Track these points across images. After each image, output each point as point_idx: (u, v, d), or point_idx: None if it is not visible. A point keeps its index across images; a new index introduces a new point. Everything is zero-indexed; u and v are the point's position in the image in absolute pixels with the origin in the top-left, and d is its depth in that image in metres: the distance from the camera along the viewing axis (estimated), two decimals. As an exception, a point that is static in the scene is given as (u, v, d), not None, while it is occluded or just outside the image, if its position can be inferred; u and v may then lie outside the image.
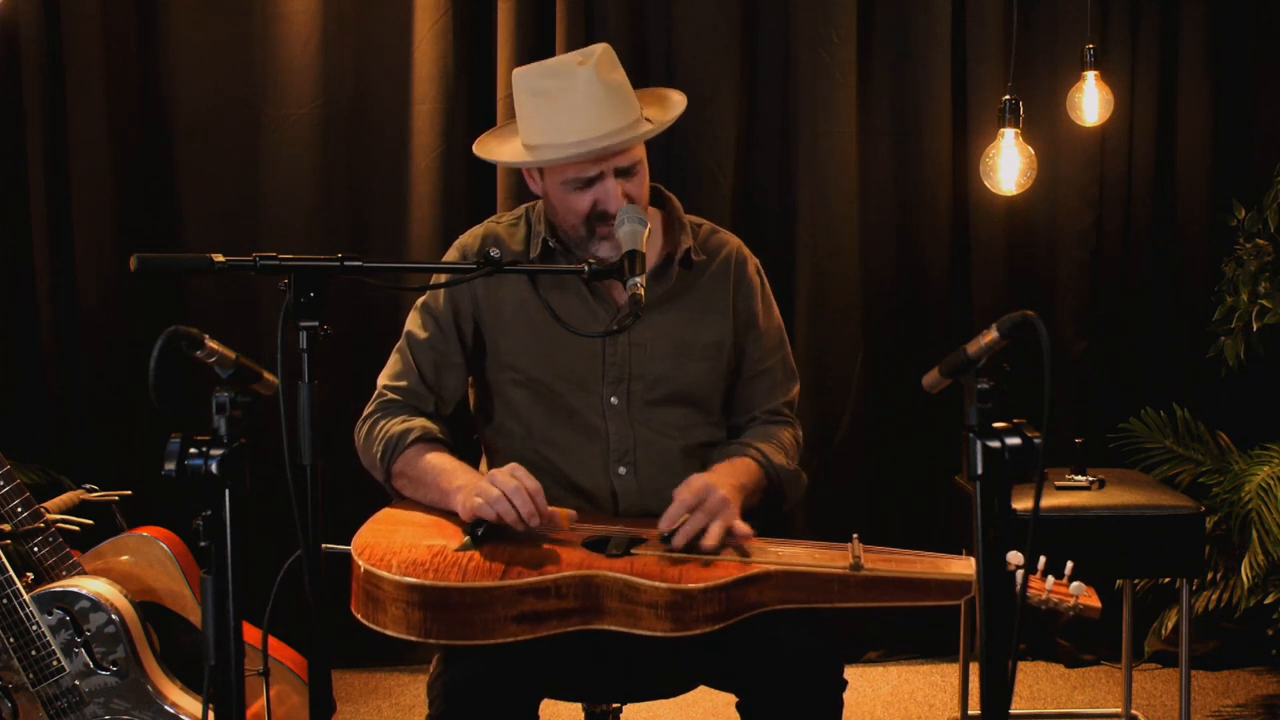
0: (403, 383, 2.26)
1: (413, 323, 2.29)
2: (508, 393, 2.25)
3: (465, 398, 2.34)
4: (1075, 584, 2.04)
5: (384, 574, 1.86)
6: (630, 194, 2.13)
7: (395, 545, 1.96)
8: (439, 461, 2.15)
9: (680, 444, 2.24)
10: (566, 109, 2.09)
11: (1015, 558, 1.57)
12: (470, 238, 2.32)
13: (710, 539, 1.97)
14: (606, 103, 2.09)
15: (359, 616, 1.92)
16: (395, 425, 2.20)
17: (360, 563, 1.91)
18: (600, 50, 2.15)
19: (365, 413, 2.28)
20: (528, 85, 2.14)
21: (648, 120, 2.17)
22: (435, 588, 1.84)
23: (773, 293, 2.40)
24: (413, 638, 1.86)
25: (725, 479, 2.10)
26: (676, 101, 2.26)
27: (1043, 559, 2.06)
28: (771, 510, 2.28)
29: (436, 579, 1.85)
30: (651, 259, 2.26)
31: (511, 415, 2.25)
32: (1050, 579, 2.07)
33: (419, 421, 2.21)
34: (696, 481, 2.05)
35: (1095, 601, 2.03)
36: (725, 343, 2.29)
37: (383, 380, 2.29)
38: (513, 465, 2.02)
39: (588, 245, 2.18)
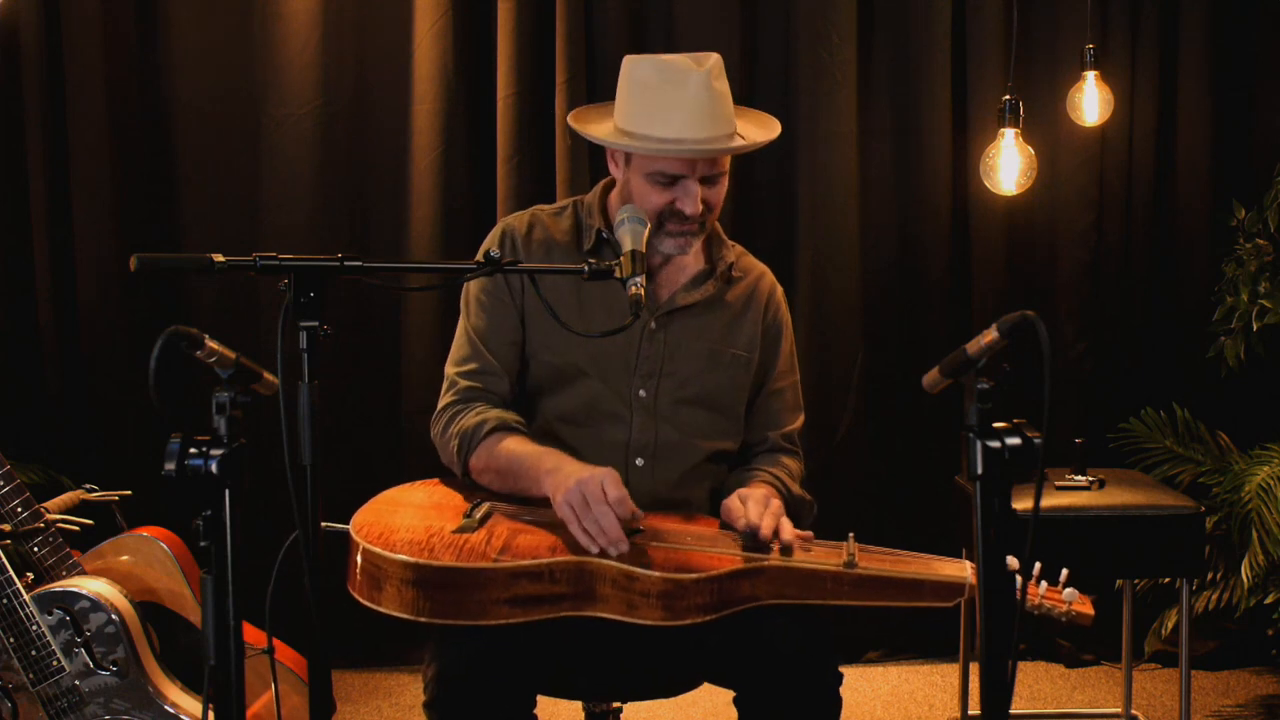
0: (473, 365, 2.24)
1: (470, 304, 2.28)
2: (537, 372, 2.25)
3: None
4: (1068, 590, 2.04)
5: (381, 552, 1.88)
6: (708, 200, 2.19)
7: (394, 525, 1.97)
8: (520, 448, 2.12)
9: (699, 447, 2.26)
10: (672, 105, 2.13)
11: (1012, 563, 1.58)
12: (516, 220, 2.33)
13: (786, 534, 2.00)
14: (710, 109, 2.14)
15: (355, 594, 1.93)
16: (470, 419, 2.18)
17: (358, 540, 1.92)
18: (715, 59, 2.20)
19: (440, 405, 2.26)
20: (639, 74, 2.19)
21: (740, 136, 2.22)
22: (430, 566, 1.85)
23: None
24: (407, 616, 1.87)
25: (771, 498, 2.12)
26: (772, 124, 2.31)
27: (1038, 565, 2.07)
28: None
29: (432, 558, 1.86)
30: (695, 267, 2.31)
31: (536, 395, 2.25)
32: (1044, 584, 2.07)
33: (494, 412, 2.19)
34: (758, 492, 2.09)
35: (1088, 609, 2.04)
36: (753, 356, 2.33)
37: (451, 369, 2.27)
38: (607, 472, 1.97)
39: (654, 239, 2.20)
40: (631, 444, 2.22)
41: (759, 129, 2.29)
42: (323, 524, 1.66)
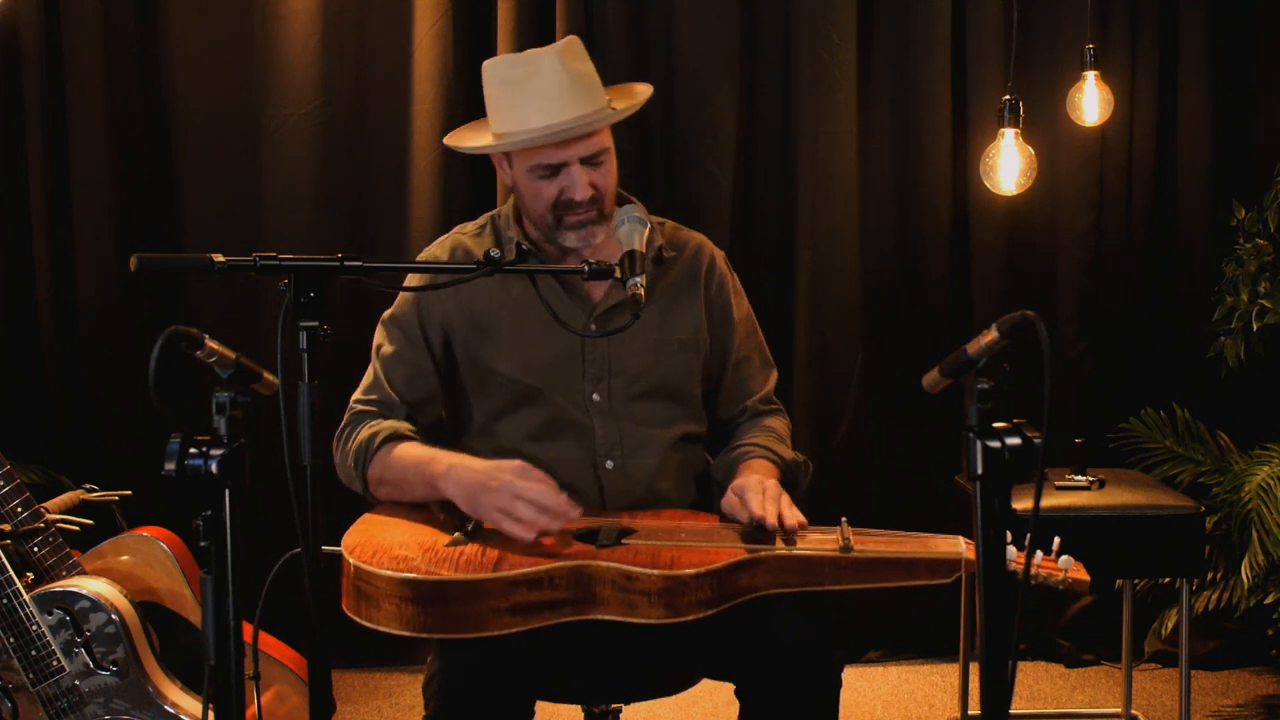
0: (373, 395, 2.26)
1: (380, 336, 2.29)
2: (490, 397, 2.25)
3: (442, 407, 2.33)
4: (1064, 558, 2.05)
5: (376, 570, 1.87)
6: (596, 183, 2.16)
7: (386, 542, 1.96)
8: (414, 452, 2.14)
9: (664, 436, 2.25)
10: (532, 95, 2.12)
11: (1011, 554, 1.58)
12: (438, 248, 2.32)
13: (789, 519, 1.99)
14: (571, 90, 2.12)
15: (351, 614, 1.92)
16: (363, 432, 2.20)
17: (351, 560, 1.91)
18: (566, 41, 2.19)
19: (338, 430, 2.27)
20: (496, 75, 2.18)
21: (614, 109, 2.19)
22: (428, 582, 1.84)
23: (743, 285, 2.43)
24: (407, 633, 1.86)
25: (765, 476, 2.13)
26: (640, 91, 2.29)
27: (1028, 535, 2.07)
28: None
29: (429, 573, 1.85)
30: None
31: (494, 419, 2.25)
32: (1039, 554, 2.08)
33: (386, 423, 2.20)
34: (754, 480, 2.08)
35: (1083, 574, 2.05)
36: (701, 335, 2.31)
37: (354, 395, 2.29)
38: (518, 464, 2.01)
39: (555, 235, 2.20)
40: (597, 449, 2.21)
41: (628, 97, 2.27)
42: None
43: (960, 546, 1.99)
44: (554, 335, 2.15)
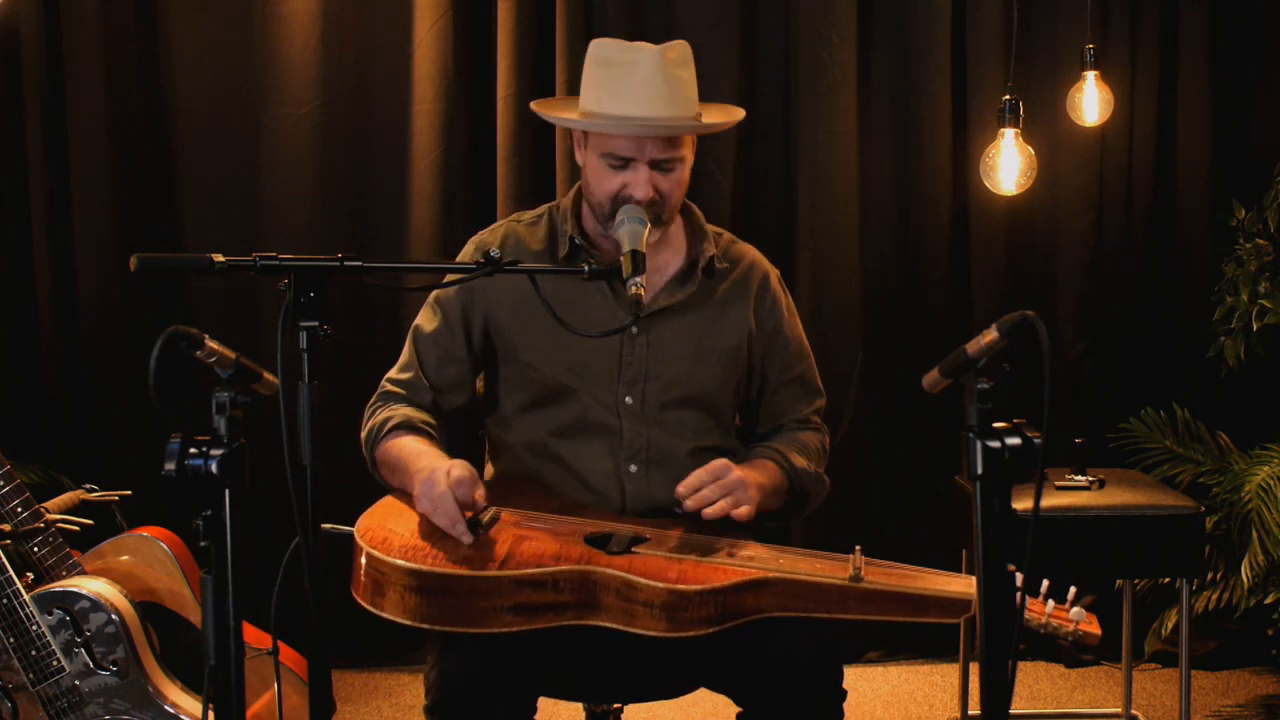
0: (406, 375, 2.28)
1: (422, 316, 2.31)
2: (521, 389, 2.25)
3: (472, 393, 2.34)
4: (1075, 610, 2.03)
5: (384, 557, 1.88)
6: (660, 188, 2.14)
7: (398, 529, 1.97)
8: (409, 444, 2.16)
9: (692, 447, 2.24)
10: (624, 83, 2.12)
11: (1018, 580, 1.56)
12: (490, 234, 2.32)
13: (715, 510, 2.01)
14: (663, 90, 2.11)
15: (358, 598, 1.93)
16: (381, 414, 2.23)
17: (362, 545, 1.93)
18: (679, 45, 2.19)
19: (370, 401, 2.30)
20: (599, 54, 2.19)
21: (697, 122, 2.18)
22: (434, 574, 1.85)
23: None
24: (408, 622, 1.87)
25: (746, 471, 2.13)
26: (734, 113, 2.29)
27: (1046, 583, 2.06)
28: (794, 513, 2.31)
29: (436, 565, 1.86)
30: (675, 265, 2.28)
31: (524, 411, 2.25)
32: (1051, 603, 2.06)
33: (402, 410, 2.22)
34: (717, 462, 2.08)
35: (1095, 629, 2.02)
36: (742, 351, 2.29)
37: (389, 373, 2.31)
38: (455, 462, 2.01)
39: (608, 226, 2.19)
40: (623, 452, 2.21)
41: (720, 114, 2.27)
42: (327, 526, 1.65)
43: (972, 587, 1.94)
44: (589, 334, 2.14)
